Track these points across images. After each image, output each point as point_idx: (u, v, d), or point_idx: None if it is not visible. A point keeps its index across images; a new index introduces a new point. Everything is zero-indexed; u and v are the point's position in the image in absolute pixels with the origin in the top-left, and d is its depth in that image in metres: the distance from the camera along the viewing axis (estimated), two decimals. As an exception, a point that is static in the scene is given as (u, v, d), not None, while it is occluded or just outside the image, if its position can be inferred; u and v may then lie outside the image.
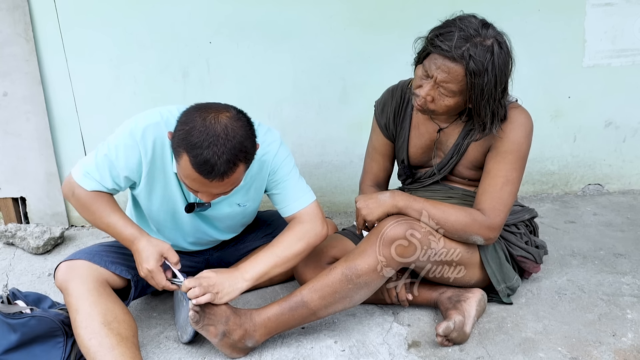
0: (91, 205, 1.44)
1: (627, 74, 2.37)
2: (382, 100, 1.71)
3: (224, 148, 1.22)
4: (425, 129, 1.64)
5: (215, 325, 1.38)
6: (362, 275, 1.41)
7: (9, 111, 2.20)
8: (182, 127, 1.26)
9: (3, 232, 2.18)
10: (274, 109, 2.30)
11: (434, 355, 1.45)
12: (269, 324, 1.44)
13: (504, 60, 1.36)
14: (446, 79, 1.37)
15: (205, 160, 1.22)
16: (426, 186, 1.69)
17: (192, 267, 1.73)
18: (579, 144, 2.47)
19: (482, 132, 1.47)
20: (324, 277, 1.44)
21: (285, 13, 2.17)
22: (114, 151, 1.40)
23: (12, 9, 2.09)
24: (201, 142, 1.22)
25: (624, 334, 1.51)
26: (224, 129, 1.24)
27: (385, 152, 1.74)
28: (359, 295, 1.46)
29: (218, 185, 1.28)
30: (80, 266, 1.43)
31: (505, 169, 1.48)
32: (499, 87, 1.37)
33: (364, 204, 1.55)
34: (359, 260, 1.42)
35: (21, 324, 1.35)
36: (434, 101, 1.43)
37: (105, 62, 2.18)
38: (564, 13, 2.28)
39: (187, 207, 1.50)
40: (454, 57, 1.33)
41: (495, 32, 1.37)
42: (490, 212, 1.47)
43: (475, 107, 1.42)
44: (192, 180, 1.27)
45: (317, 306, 1.44)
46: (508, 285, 1.62)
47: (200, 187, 1.30)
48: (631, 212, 2.33)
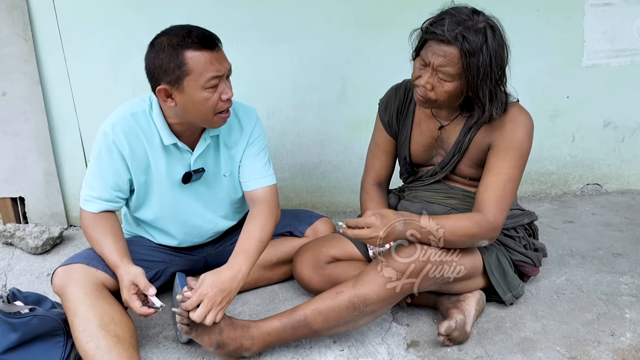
0: (91, 229, 1.50)
1: (626, 74, 2.38)
2: (386, 98, 1.73)
3: (197, 28, 1.38)
4: (427, 126, 1.64)
5: (209, 335, 1.38)
6: (369, 304, 1.40)
7: (8, 111, 2.20)
8: (160, 50, 1.36)
9: (2, 232, 2.17)
10: (273, 108, 2.30)
11: (432, 354, 1.45)
12: (267, 339, 1.43)
13: (498, 43, 1.39)
14: (443, 63, 1.39)
15: (202, 35, 1.36)
16: (427, 185, 1.70)
17: (192, 268, 1.74)
18: (577, 143, 2.48)
19: (482, 114, 1.47)
20: (329, 300, 1.42)
21: (284, 13, 2.17)
22: (98, 160, 1.49)
23: (11, 8, 2.08)
24: (184, 36, 1.34)
25: (622, 334, 1.51)
26: (177, 25, 1.39)
27: (388, 150, 1.75)
28: (364, 321, 1.45)
29: (223, 57, 1.40)
30: (77, 270, 1.43)
31: (507, 167, 1.48)
32: (494, 67, 1.39)
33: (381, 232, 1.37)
34: (368, 289, 1.40)
35: (22, 323, 1.35)
36: (433, 89, 1.44)
37: (104, 61, 2.18)
38: (563, 13, 2.28)
39: (185, 177, 1.55)
40: (448, 39, 1.36)
41: (487, 18, 1.40)
42: (494, 211, 1.45)
43: (473, 88, 1.42)
44: (210, 63, 1.35)
45: (320, 328, 1.42)
46: (514, 294, 1.62)
47: (218, 65, 1.37)
48: (630, 212, 2.33)
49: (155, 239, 1.68)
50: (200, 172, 1.57)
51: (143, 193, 1.57)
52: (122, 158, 1.48)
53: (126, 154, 1.48)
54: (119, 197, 1.53)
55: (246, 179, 1.62)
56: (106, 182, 1.49)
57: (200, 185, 1.61)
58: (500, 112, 1.47)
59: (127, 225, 1.73)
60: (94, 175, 1.50)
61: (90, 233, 1.49)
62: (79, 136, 2.26)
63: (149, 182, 1.55)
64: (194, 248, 1.74)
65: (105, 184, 1.49)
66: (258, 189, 1.60)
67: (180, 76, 1.35)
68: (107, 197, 1.50)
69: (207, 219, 1.68)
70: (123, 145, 1.47)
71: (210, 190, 1.64)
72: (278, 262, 1.77)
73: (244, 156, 1.62)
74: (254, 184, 1.61)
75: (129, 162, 1.49)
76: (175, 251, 1.70)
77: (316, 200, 2.46)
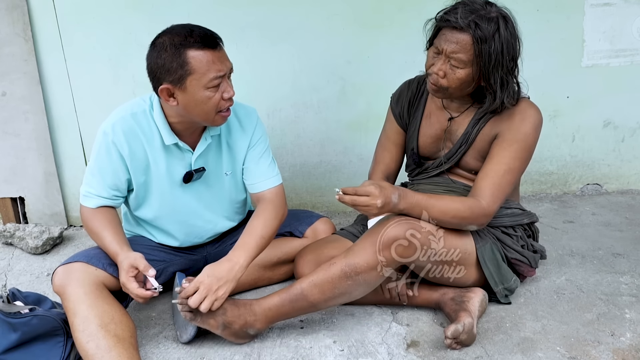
0: (91, 223, 1.52)
1: (626, 73, 2.38)
2: (398, 91, 1.76)
3: (199, 28, 1.38)
4: (437, 118, 1.66)
5: (214, 318, 1.42)
6: (361, 273, 1.42)
7: (8, 111, 2.20)
8: (162, 49, 1.35)
9: (2, 232, 2.17)
10: (273, 109, 2.30)
11: (432, 354, 1.45)
12: (269, 314, 1.47)
13: (510, 33, 1.43)
14: (455, 49, 1.42)
15: (204, 34, 1.36)
16: (429, 178, 1.71)
17: (192, 268, 1.74)
18: (577, 143, 2.48)
19: (493, 101, 1.49)
20: (323, 271, 1.46)
21: (284, 13, 2.18)
22: (97, 158, 1.50)
23: (11, 8, 2.09)
24: (186, 35, 1.34)
25: (622, 334, 1.51)
26: (178, 25, 1.39)
27: (397, 141, 1.76)
28: (358, 292, 1.48)
29: (225, 56, 1.41)
30: (77, 269, 1.43)
31: (509, 157, 1.50)
32: (506, 55, 1.42)
33: (379, 200, 1.39)
34: (358, 257, 1.43)
35: (22, 323, 1.35)
36: (446, 76, 1.46)
37: (104, 61, 2.18)
38: (563, 13, 2.28)
39: (186, 176, 1.56)
40: (461, 26, 1.40)
41: (499, 9, 1.45)
42: (488, 198, 1.48)
43: (485, 74, 1.45)
44: (212, 63, 1.36)
45: (317, 300, 1.46)
46: (506, 286, 1.62)
47: (220, 64, 1.37)
48: (630, 212, 2.33)
49: (156, 238, 1.68)
50: (201, 171, 1.57)
51: (142, 193, 1.58)
52: (121, 158, 1.49)
53: (125, 154, 1.49)
54: (117, 196, 1.55)
55: (252, 182, 1.63)
56: (104, 181, 1.51)
57: (200, 185, 1.61)
58: (512, 102, 1.50)
59: (128, 225, 1.73)
60: (93, 174, 1.52)
61: (90, 226, 1.52)
62: (79, 136, 2.26)
63: (149, 182, 1.56)
64: (194, 248, 1.74)
65: (103, 183, 1.52)
66: (264, 190, 1.62)
67: (182, 75, 1.35)
68: (105, 195, 1.53)
69: (206, 218, 1.68)
70: (122, 146, 1.48)
71: (210, 189, 1.64)
72: (278, 262, 1.78)
73: (248, 159, 1.63)
74: (261, 186, 1.62)
75: (128, 162, 1.50)
76: (175, 251, 1.70)
77: (316, 200, 2.46)
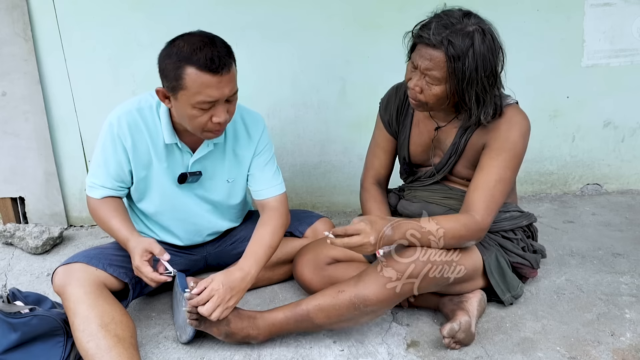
0: (98, 212, 1.55)
1: (626, 73, 2.38)
2: (386, 98, 1.74)
3: (213, 46, 1.33)
4: (425, 127, 1.65)
5: (217, 327, 1.43)
6: (370, 305, 1.41)
7: (8, 111, 2.20)
8: (169, 55, 1.34)
9: (2, 232, 2.17)
10: (273, 108, 2.30)
11: (432, 355, 1.45)
12: (272, 329, 1.48)
13: (488, 47, 1.37)
14: (429, 67, 1.40)
15: (209, 58, 1.31)
16: (426, 186, 1.70)
17: (191, 268, 1.74)
18: (577, 143, 2.48)
19: (469, 119, 1.47)
20: (331, 298, 1.44)
21: (284, 13, 2.17)
22: (102, 150, 1.52)
23: (11, 8, 2.08)
24: (194, 50, 1.31)
25: (622, 334, 1.51)
26: (201, 34, 1.36)
27: (387, 149, 1.75)
28: (365, 319, 1.48)
29: (227, 82, 1.35)
30: (77, 269, 1.43)
31: (498, 167, 1.48)
32: (481, 71, 1.38)
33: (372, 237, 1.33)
34: (368, 290, 1.41)
35: (22, 323, 1.35)
36: (422, 92, 1.45)
37: (104, 61, 2.18)
38: (563, 13, 2.28)
39: (180, 177, 1.56)
40: (433, 44, 1.37)
41: (478, 21, 1.39)
42: (482, 212, 1.45)
43: (459, 92, 1.42)
44: (206, 87, 1.32)
45: (322, 323, 1.46)
46: (513, 294, 1.62)
47: (215, 91, 1.33)
48: (630, 212, 2.33)
49: (159, 236, 1.69)
50: (196, 175, 1.58)
51: (143, 187, 1.59)
52: (124, 150, 1.51)
53: (128, 146, 1.50)
54: (121, 187, 1.57)
55: (257, 188, 1.64)
56: (109, 172, 1.53)
57: (198, 188, 1.62)
58: (488, 118, 1.46)
59: None
60: (98, 165, 1.54)
61: (97, 215, 1.54)
62: (79, 136, 2.26)
63: (150, 177, 1.56)
64: (194, 247, 1.75)
65: (107, 174, 1.53)
66: (269, 197, 1.63)
67: (176, 87, 1.35)
68: (110, 185, 1.55)
69: (206, 218, 1.68)
70: (126, 138, 1.50)
71: (207, 194, 1.64)
72: (278, 263, 1.77)
73: (253, 165, 1.64)
74: (265, 193, 1.63)
75: (130, 155, 1.51)
76: (175, 250, 1.70)
77: (316, 200, 2.46)
